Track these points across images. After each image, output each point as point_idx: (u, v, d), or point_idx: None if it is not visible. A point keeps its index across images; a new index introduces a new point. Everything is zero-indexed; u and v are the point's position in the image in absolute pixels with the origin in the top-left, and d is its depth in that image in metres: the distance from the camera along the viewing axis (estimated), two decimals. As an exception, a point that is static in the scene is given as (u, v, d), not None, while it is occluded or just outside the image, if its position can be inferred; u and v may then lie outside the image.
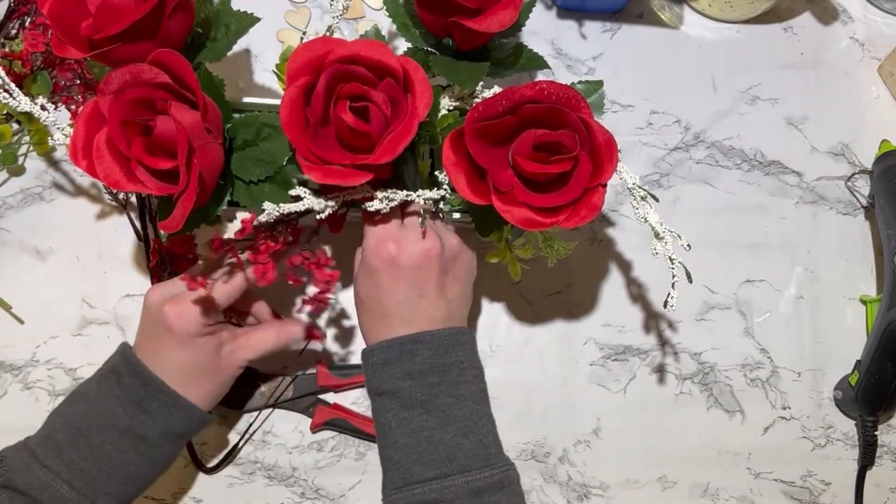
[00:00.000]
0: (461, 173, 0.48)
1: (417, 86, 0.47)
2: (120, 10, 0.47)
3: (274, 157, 0.51)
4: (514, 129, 0.47)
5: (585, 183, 0.47)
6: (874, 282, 0.72)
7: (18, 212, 0.68)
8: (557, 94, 0.46)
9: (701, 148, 0.73)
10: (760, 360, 0.70)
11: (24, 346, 0.66)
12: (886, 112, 0.75)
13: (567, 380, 0.69)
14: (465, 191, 0.48)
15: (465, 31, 0.51)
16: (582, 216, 0.47)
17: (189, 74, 0.46)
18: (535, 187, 0.48)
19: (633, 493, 0.67)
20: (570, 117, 0.46)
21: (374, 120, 0.47)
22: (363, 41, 0.47)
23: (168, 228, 0.47)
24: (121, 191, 0.66)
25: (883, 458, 0.69)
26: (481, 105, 0.46)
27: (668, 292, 0.52)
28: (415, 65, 0.48)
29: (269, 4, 0.72)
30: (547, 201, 0.47)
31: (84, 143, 0.47)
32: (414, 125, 0.47)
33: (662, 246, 0.50)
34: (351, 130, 0.46)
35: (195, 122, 0.46)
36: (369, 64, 0.47)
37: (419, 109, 0.47)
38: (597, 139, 0.47)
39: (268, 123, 0.52)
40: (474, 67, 0.53)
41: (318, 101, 0.47)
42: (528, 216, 0.47)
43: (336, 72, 0.47)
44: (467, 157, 0.48)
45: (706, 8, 0.75)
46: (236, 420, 0.66)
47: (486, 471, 0.51)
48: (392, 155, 0.46)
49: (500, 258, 0.59)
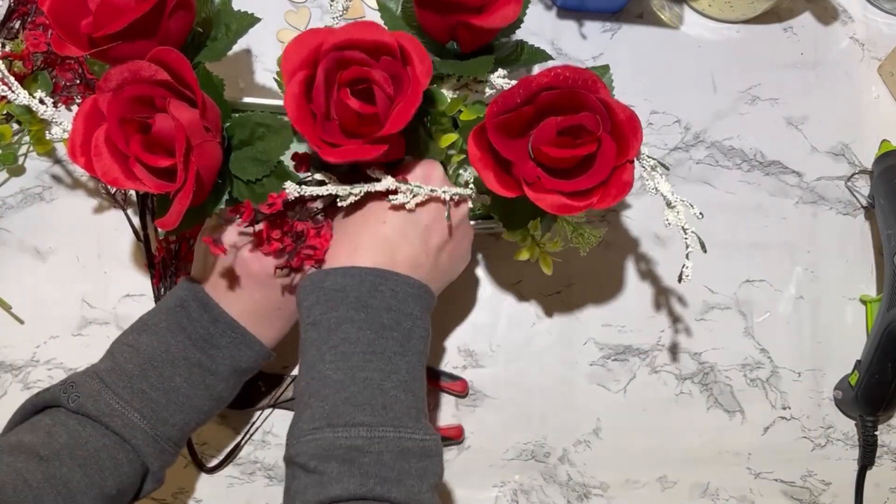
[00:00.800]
0: (488, 168, 0.48)
1: (415, 56, 0.47)
2: (120, 9, 0.47)
3: (269, 156, 0.51)
4: (531, 120, 0.47)
5: (612, 162, 0.47)
6: (874, 282, 0.72)
7: (18, 212, 0.68)
8: (573, 77, 0.46)
9: (701, 148, 0.73)
10: (760, 360, 0.70)
11: (24, 346, 0.66)
12: (886, 112, 0.75)
13: (567, 380, 0.69)
14: (495, 185, 0.48)
15: (471, 29, 0.51)
16: (613, 195, 0.47)
17: (188, 73, 0.46)
18: (559, 174, 0.48)
19: (633, 493, 0.67)
20: (588, 99, 0.46)
21: (379, 100, 0.47)
22: (354, 24, 0.47)
23: (164, 226, 0.47)
24: (119, 188, 0.66)
25: (883, 458, 0.69)
26: (500, 98, 0.46)
27: (683, 264, 0.51)
28: (409, 36, 0.48)
29: (269, 4, 0.72)
30: (576, 185, 0.47)
31: (83, 141, 0.47)
32: (419, 93, 0.47)
33: (675, 215, 0.50)
34: (358, 116, 0.46)
35: (194, 120, 0.46)
36: (364, 45, 0.47)
37: (421, 77, 0.47)
38: (618, 117, 0.47)
39: (262, 123, 0.52)
40: (481, 59, 0.54)
41: (320, 93, 0.47)
42: (562, 202, 0.47)
43: (333, 60, 0.47)
44: (492, 152, 0.48)
45: (706, 8, 0.75)
46: (236, 420, 0.66)
47: (419, 432, 0.46)
48: (402, 123, 0.46)
49: (529, 256, 0.59)
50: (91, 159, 0.47)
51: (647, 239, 0.71)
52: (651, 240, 0.71)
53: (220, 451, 0.66)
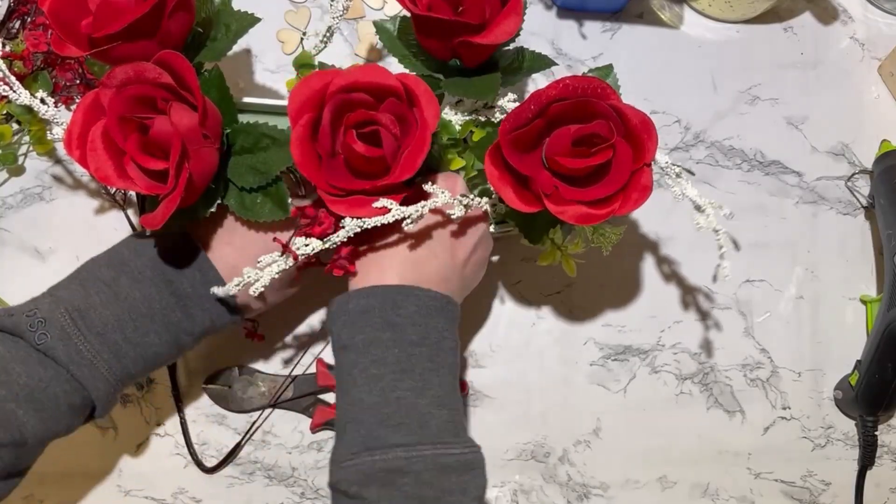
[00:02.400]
0: (507, 186, 0.48)
1: (422, 98, 0.47)
2: (120, 9, 0.47)
3: (268, 168, 0.52)
4: (542, 132, 0.48)
5: (630, 166, 0.47)
6: (874, 282, 0.72)
7: (18, 212, 0.68)
8: (582, 86, 0.46)
9: (701, 148, 0.73)
10: (760, 360, 0.70)
11: (23, 346, 0.66)
12: (886, 112, 0.75)
13: (567, 380, 0.69)
14: (515, 202, 0.47)
15: (473, 48, 0.51)
16: (635, 199, 0.47)
17: (192, 78, 0.46)
18: (576, 182, 0.48)
19: (633, 493, 0.67)
20: (600, 107, 0.46)
21: (386, 142, 0.47)
22: (359, 67, 0.47)
23: (149, 225, 0.47)
24: (111, 187, 0.66)
25: (883, 458, 0.69)
26: (511, 115, 0.46)
27: (718, 264, 0.51)
28: (414, 78, 0.48)
29: (269, 4, 0.72)
30: (596, 193, 0.47)
31: (80, 133, 0.47)
32: (427, 137, 0.47)
33: (705, 219, 0.50)
34: (364, 159, 0.46)
35: (193, 126, 0.46)
36: (369, 88, 0.47)
37: (429, 120, 0.47)
38: (631, 122, 0.47)
39: (268, 134, 0.52)
40: (488, 79, 0.53)
41: (326, 135, 0.47)
42: (583, 212, 0.47)
43: (339, 102, 0.47)
44: (508, 170, 0.48)
45: (706, 8, 0.75)
46: (236, 420, 0.66)
47: (456, 447, 0.46)
48: (411, 171, 0.46)
49: (552, 260, 0.59)
50: (86, 153, 0.47)
51: (648, 239, 0.71)
52: (652, 239, 0.71)
53: (220, 451, 0.66)
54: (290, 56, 0.72)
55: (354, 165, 0.48)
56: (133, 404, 0.66)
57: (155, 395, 0.66)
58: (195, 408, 0.66)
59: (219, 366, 0.66)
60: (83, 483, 0.65)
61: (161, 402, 0.66)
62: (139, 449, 0.66)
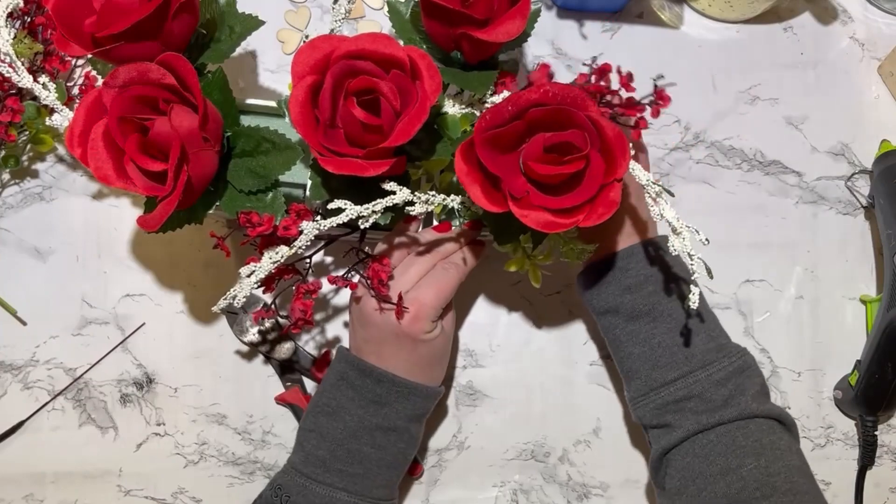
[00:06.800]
0: (475, 183, 0.47)
1: (425, 71, 0.47)
2: (124, 9, 0.47)
3: (268, 172, 0.52)
4: (522, 135, 0.47)
5: (600, 180, 0.46)
6: (874, 282, 0.72)
7: (18, 212, 0.68)
8: (563, 94, 0.46)
9: (701, 148, 0.73)
10: (760, 360, 0.70)
11: (24, 346, 0.66)
12: (886, 112, 0.75)
13: (567, 380, 0.69)
14: (481, 200, 0.47)
15: (474, 42, 0.51)
16: (600, 213, 0.47)
17: (194, 81, 0.46)
18: (550, 190, 0.47)
19: (633, 493, 0.67)
20: (577, 116, 0.46)
21: (384, 112, 0.47)
22: (367, 35, 0.47)
23: (146, 226, 0.47)
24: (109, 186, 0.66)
25: (883, 458, 0.69)
26: (488, 113, 0.46)
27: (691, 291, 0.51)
28: (420, 52, 0.48)
29: (269, 4, 0.72)
30: (563, 202, 0.47)
31: (81, 131, 0.48)
32: (426, 107, 0.46)
33: (680, 242, 0.49)
34: (362, 125, 0.46)
35: (192, 129, 0.46)
36: (375, 57, 0.47)
37: (429, 93, 0.47)
38: (607, 135, 0.46)
39: (269, 139, 0.52)
40: (484, 74, 0.54)
41: (326, 99, 0.47)
42: (547, 219, 0.47)
43: (343, 68, 0.47)
44: (479, 167, 0.47)
45: (706, 8, 0.75)
46: (237, 420, 0.66)
47: (724, 361, 0.54)
48: (406, 137, 0.46)
49: (519, 267, 0.59)
50: (87, 151, 0.47)
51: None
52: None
53: (221, 451, 0.66)
54: (290, 56, 0.72)
55: (351, 134, 0.48)
56: (133, 404, 0.66)
57: (155, 395, 0.66)
58: (195, 407, 0.66)
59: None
60: (83, 483, 0.65)
61: (161, 402, 0.66)
62: (139, 449, 0.66)
